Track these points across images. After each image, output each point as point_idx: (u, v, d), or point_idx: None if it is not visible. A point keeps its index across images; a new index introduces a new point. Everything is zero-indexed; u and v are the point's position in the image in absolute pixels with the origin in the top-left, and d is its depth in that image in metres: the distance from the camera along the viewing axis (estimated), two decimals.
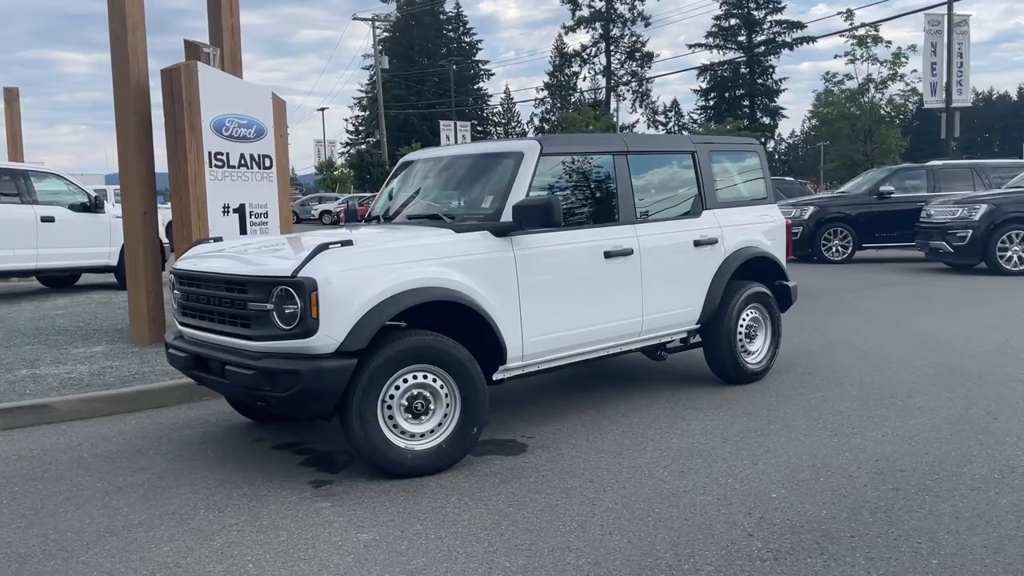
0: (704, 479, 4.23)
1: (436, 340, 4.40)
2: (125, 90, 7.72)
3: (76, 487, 4.39)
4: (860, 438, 4.82)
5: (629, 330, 5.47)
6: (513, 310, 4.79)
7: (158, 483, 4.42)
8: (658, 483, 4.19)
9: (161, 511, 4.01)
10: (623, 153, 5.53)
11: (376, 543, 3.56)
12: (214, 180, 7.67)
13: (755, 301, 6.25)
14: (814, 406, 5.54)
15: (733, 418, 5.33)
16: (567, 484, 4.22)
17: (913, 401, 5.59)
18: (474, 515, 3.85)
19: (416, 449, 4.37)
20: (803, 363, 6.91)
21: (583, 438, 4.99)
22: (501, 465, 4.55)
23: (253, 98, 8.11)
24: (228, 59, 8.52)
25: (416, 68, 66.98)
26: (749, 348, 6.25)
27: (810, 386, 6.11)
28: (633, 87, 66.48)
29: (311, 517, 3.88)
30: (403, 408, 4.36)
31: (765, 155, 6.65)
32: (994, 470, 4.23)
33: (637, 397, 5.93)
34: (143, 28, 7.77)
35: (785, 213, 16.30)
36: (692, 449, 4.72)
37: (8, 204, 11.25)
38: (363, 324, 4.15)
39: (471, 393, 4.48)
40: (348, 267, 4.19)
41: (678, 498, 3.98)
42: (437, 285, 4.42)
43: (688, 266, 5.81)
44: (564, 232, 5.11)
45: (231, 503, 4.09)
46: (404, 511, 3.92)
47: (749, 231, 6.28)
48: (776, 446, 4.73)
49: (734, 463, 4.46)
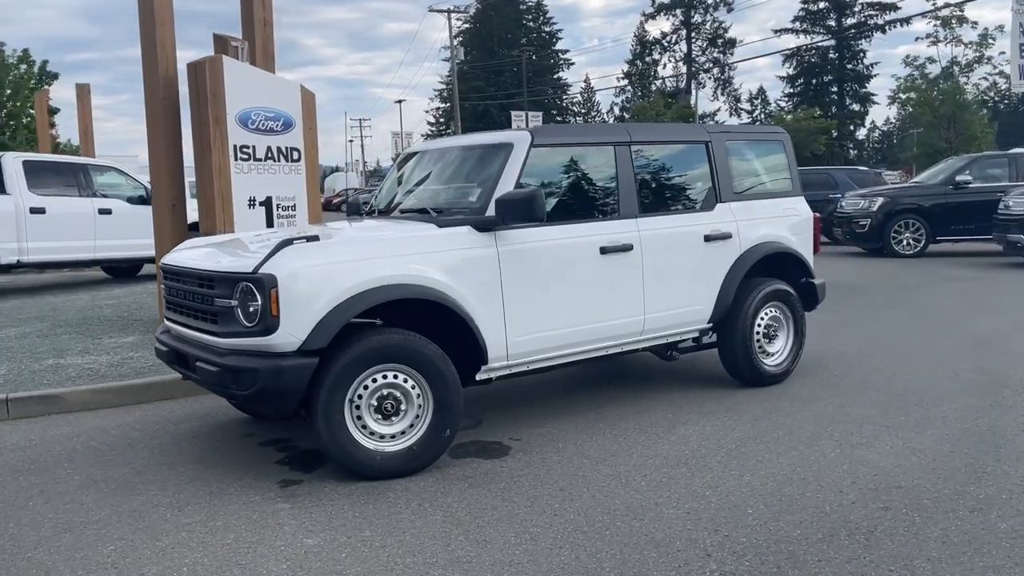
0: (681, 490, 3.98)
1: (406, 339, 4.27)
2: (154, 83, 7.81)
3: (55, 480, 4.43)
4: (866, 449, 4.49)
5: (629, 329, 5.23)
6: (496, 308, 4.61)
7: (133, 478, 4.42)
8: (631, 493, 3.97)
9: (124, 507, 4.00)
10: (626, 144, 5.28)
11: (318, 549, 3.46)
12: (239, 173, 7.70)
13: (775, 299, 5.92)
14: (828, 413, 5.20)
15: (736, 424, 5.04)
16: (536, 492, 4.03)
17: (938, 410, 5.19)
18: (428, 522, 3.70)
19: (386, 451, 4.25)
20: (833, 365, 6.52)
21: (571, 442, 4.79)
22: (476, 469, 4.39)
23: (281, 91, 8.11)
24: (260, 52, 8.55)
25: (495, 59, 66.96)
26: (768, 349, 5.92)
27: (831, 390, 5.75)
28: (714, 74, 64.98)
29: (265, 519, 3.80)
30: (372, 408, 4.25)
31: (791, 145, 6.28)
32: (1003, 490, 3.86)
33: (645, 398, 5.68)
34: (171, 22, 7.84)
35: (852, 204, 15.87)
36: (681, 456, 4.47)
37: (68, 197, 11.62)
38: (326, 322, 4.05)
39: (444, 394, 4.33)
40: (311, 264, 4.08)
41: (645, 511, 3.75)
42: (407, 282, 4.28)
43: (697, 262, 5.52)
44: (555, 227, 4.91)
45: (194, 501, 4.05)
46: (359, 516, 3.80)
47: (770, 225, 5.94)
48: (772, 456, 4.44)
49: (720, 473, 4.20)
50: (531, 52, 69.40)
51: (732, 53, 64.28)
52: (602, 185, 5.24)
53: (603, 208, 5.21)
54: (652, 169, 5.50)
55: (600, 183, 5.24)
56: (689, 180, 5.69)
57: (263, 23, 8.62)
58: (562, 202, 5.05)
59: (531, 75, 70.00)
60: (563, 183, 5.10)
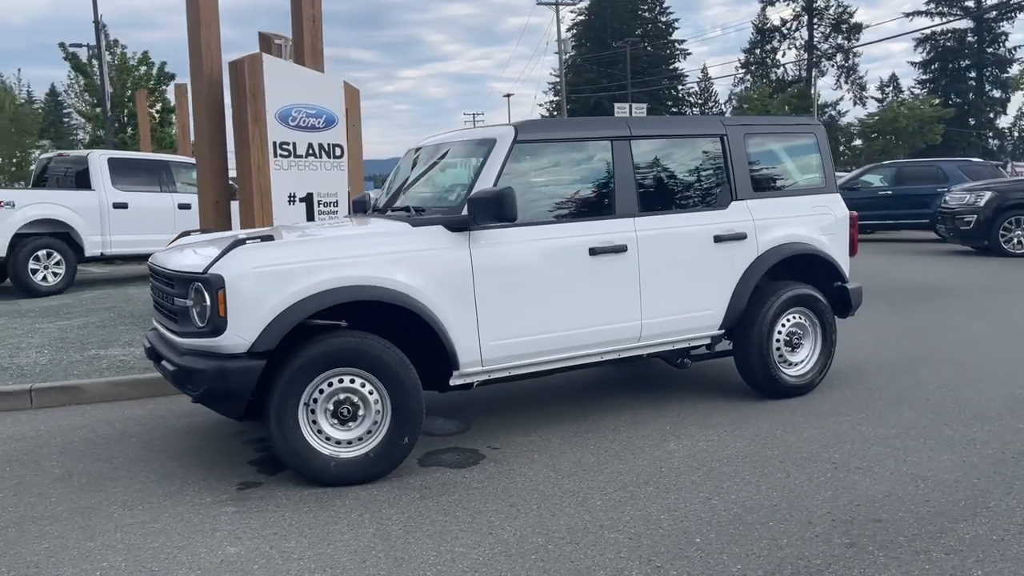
0: (635, 512, 3.70)
1: (362, 343, 4.14)
2: (199, 83, 7.99)
3: (36, 472, 4.54)
4: (862, 474, 4.07)
5: (624, 335, 4.94)
6: (467, 312, 4.43)
7: (108, 473, 4.48)
8: (581, 513, 3.72)
9: (81, 504, 4.04)
10: (625, 138, 4.98)
11: (235, 558, 3.38)
12: (279, 170, 7.77)
13: (798, 305, 5.48)
14: (840, 431, 4.76)
15: (734, 439, 4.68)
16: (483, 507, 3.84)
17: (969, 431, 4.68)
18: (358, 535, 3.57)
19: (341, 457, 4.15)
20: (875, 376, 6.01)
21: (550, 453, 4.56)
22: (437, 478, 4.23)
23: (323, 87, 8.15)
24: (309, 49, 8.61)
25: (608, 51, 66.18)
26: (790, 358, 5.49)
27: (857, 405, 5.28)
28: (837, 62, 62.03)
29: (203, 523, 3.76)
30: (328, 413, 4.15)
31: (826, 137, 5.80)
32: (996, 529, 3.40)
33: (650, 407, 5.37)
34: (216, 23, 7.99)
35: (957, 199, 14.74)
36: (655, 474, 4.18)
37: (149, 192, 12.10)
38: (275, 325, 3.97)
39: (402, 401, 4.19)
40: (260, 265, 4.01)
41: (586, 534, 3.50)
42: (362, 284, 4.15)
43: (705, 264, 5.16)
44: (538, 227, 4.68)
45: (148, 501, 4.05)
46: (294, 524, 3.71)
47: (795, 225, 5.50)
48: (753, 477, 4.08)
49: (686, 495, 3.89)
50: (645, 43, 68.31)
51: (857, 39, 61.27)
52: (595, 182, 4.96)
53: (596, 207, 4.93)
54: (656, 165, 5.17)
55: (593, 180, 4.96)
56: (699, 176, 5.33)
57: (312, 20, 8.68)
58: (549, 201, 4.81)
59: (645, 66, 68.92)
60: (550, 180, 4.86)
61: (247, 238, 4.12)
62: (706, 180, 5.33)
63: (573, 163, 4.93)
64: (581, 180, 4.96)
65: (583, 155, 4.94)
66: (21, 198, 11.06)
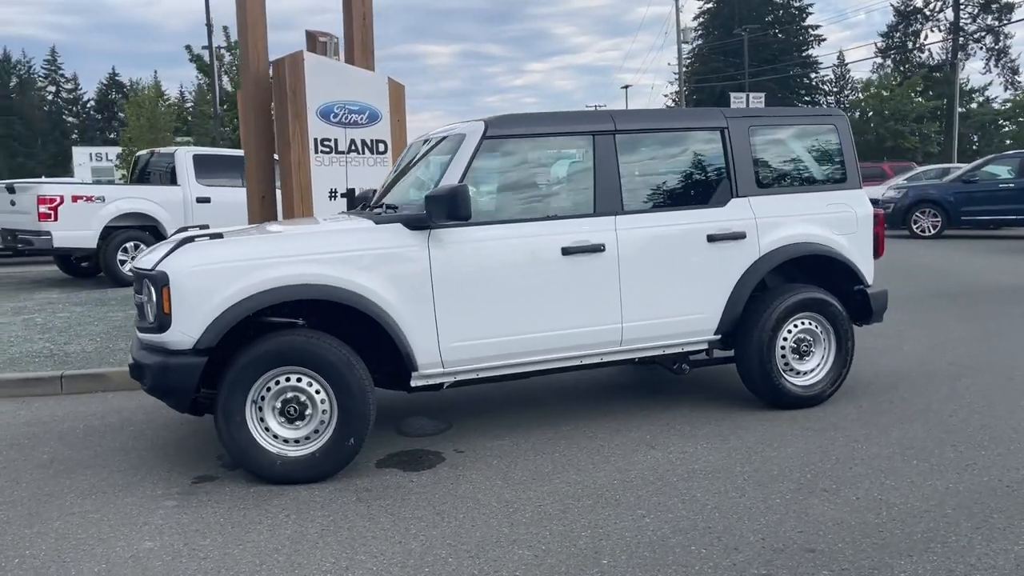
0: (558, 528, 3.52)
1: (308, 342, 4.12)
2: (247, 80, 8.21)
3: (26, 457, 4.75)
4: (825, 498, 3.73)
5: (602, 339, 4.72)
6: (425, 312, 4.34)
7: (87, 461, 4.65)
8: (504, 526, 3.57)
9: (45, 490, 4.19)
10: (608, 133, 4.75)
11: (145, 554, 3.42)
12: (320, 166, 7.90)
13: (808, 310, 5.10)
14: (831, 448, 4.40)
15: (710, 452, 4.40)
16: (412, 514, 3.74)
17: (975, 454, 4.23)
18: (273, 537, 3.55)
19: (288, 456, 4.15)
20: (904, 387, 5.53)
21: (511, 459, 4.42)
22: (385, 481, 4.17)
23: (366, 84, 8.23)
24: (359, 46, 8.72)
25: (735, 39, 64.18)
26: (798, 367, 5.12)
27: (866, 419, 4.86)
28: (987, 44, 57.85)
29: (139, 516, 3.83)
30: (276, 411, 4.16)
31: (848, 127, 5.35)
32: (940, 568, 3.04)
33: (642, 415, 5.12)
34: (263, 24, 8.18)
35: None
36: (605, 487, 3.97)
37: (231, 187, 12.57)
38: (218, 322, 4.00)
39: (348, 401, 4.14)
40: (205, 263, 4.05)
41: (492, 550, 3.36)
42: (307, 282, 4.12)
43: (697, 265, 4.87)
44: (506, 226, 4.54)
45: (104, 490, 4.16)
46: (221, 521, 3.73)
47: (806, 223, 5.12)
48: (704, 495, 3.82)
49: (623, 511, 3.67)
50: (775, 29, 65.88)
51: (1009, 19, 56.96)
52: (572, 179, 4.77)
53: (573, 205, 4.73)
54: (644, 160, 4.91)
55: (570, 177, 4.77)
56: (694, 172, 5.03)
57: (362, 17, 8.77)
58: (520, 198, 4.66)
59: (776, 53, 66.52)
60: (524, 177, 4.69)
61: (196, 236, 4.17)
62: (703, 176, 5.03)
63: (549, 159, 4.76)
64: (557, 177, 4.78)
65: (560, 151, 4.76)
66: (111, 193, 11.73)
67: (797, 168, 5.27)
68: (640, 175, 4.88)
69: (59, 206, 10.99)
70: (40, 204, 10.91)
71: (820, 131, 5.35)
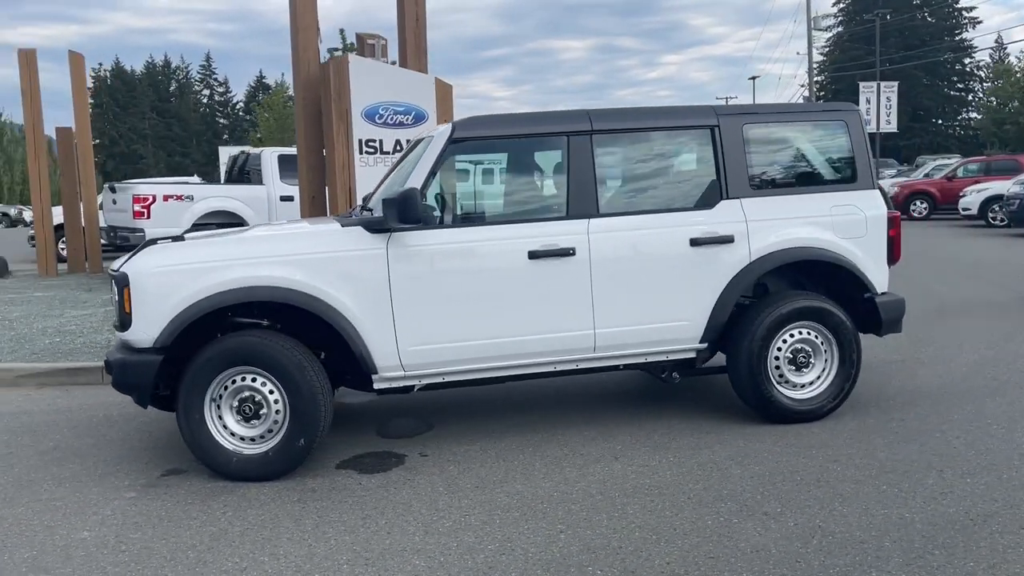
0: (463, 541, 3.46)
1: (261, 343, 4.21)
2: (298, 83, 8.46)
3: (32, 443, 5.06)
4: (759, 522, 3.50)
5: (574, 344, 4.59)
6: (382, 315, 4.35)
7: (84, 450, 4.90)
8: (418, 535, 3.54)
9: (27, 477, 4.44)
10: (585, 133, 4.60)
11: (75, 544, 3.58)
12: (365, 166, 8.05)
13: (805, 318, 4.78)
14: (802, 470, 4.11)
15: (671, 467, 4.21)
16: (338, 518, 3.76)
17: (959, 483, 3.86)
18: (199, 534, 3.65)
19: (243, 453, 4.26)
20: (922, 403, 5.12)
21: (467, 465, 4.37)
22: (335, 483, 4.20)
23: (413, 85, 8.32)
24: (412, 48, 8.84)
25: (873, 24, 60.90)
26: (795, 379, 4.81)
27: (859, 438, 4.52)
28: None
29: (97, 506, 4.01)
30: (233, 410, 4.27)
31: (860, 123, 4.97)
32: None
33: (626, 423, 4.95)
34: (314, 29, 8.39)
35: None
36: (538, 500, 3.86)
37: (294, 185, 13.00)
38: (174, 322, 4.14)
39: (299, 403, 4.20)
40: (163, 265, 4.20)
41: (394, 556, 3.33)
42: (261, 284, 4.20)
43: (678, 270, 4.65)
44: (470, 229, 4.49)
45: (80, 480, 4.39)
46: (162, 515, 3.86)
47: (805, 226, 4.80)
48: (636, 513, 3.65)
49: (542, 526, 3.56)
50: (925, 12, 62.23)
51: None
52: (544, 181, 4.66)
53: (543, 208, 4.63)
54: (622, 161, 4.74)
55: (541, 179, 4.66)
56: (679, 172, 4.82)
57: (415, 19, 8.88)
58: (487, 201, 4.60)
59: (926, 38, 62.83)
60: (491, 180, 4.62)
61: (159, 239, 4.33)
62: (689, 176, 4.81)
63: (520, 162, 4.66)
64: (527, 179, 4.68)
65: (531, 153, 4.66)
66: (199, 192, 12.35)
67: (798, 168, 4.96)
68: (619, 177, 4.72)
69: (152, 204, 11.68)
70: (135, 203, 11.62)
71: (827, 128, 5.01)
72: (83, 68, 13.28)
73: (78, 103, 13.65)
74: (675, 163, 4.81)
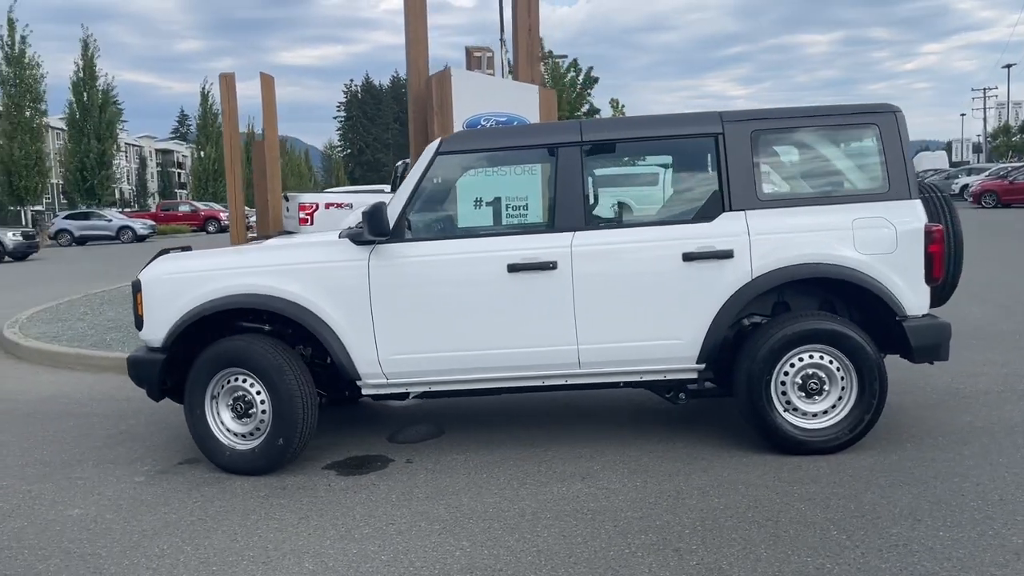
0: (362, 550, 3.54)
1: (248, 347, 4.50)
2: (411, 97, 8.84)
3: (65, 427, 5.71)
4: (665, 557, 3.28)
5: (557, 360, 4.50)
6: (363, 323, 4.51)
7: (111, 435, 5.45)
8: (323, 540, 3.67)
9: (44, 459, 5.03)
10: (574, 145, 4.49)
11: (59, 520, 4.05)
12: (466, 176, 8.29)
13: (817, 341, 4.37)
14: (765, 507, 3.78)
15: (622, 492, 4.03)
16: (283, 519, 3.96)
17: (925, 536, 3.39)
18: (158, 521, 3.98)
19: (236, 448, 4.58)
20: (969, 443, 4.49)
21: (438, 475, 4.42)
22: (313, 483, 4.41)
23: (516, 95, 8.46)
24: (524, 56, 8.99)
25: None
26: (804, 407, 4.42)
27: (856, 477, 4.07)
28: None
29: (96, 488, 4.47)
30: (229, 407, 4.61)
31: (896, 127, 4.44)
32: None
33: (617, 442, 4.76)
34: (424, 43, 8.72)
35: None
36: (468, 517, 3.84)
37: None
38: (176, 325, 4.55)
39: (278, 404, 4.46)
40: (170, 273, 4.62)
41: (282, 558, 3.49)
42: (250, 292, 4.50)
43: (669, 286, 4.41)
44: (450, 241, 4.55)
45: (99, 463, 4.90)
46: (147, 500, 4.26)
47: (820, 241, 4.38)
48: (547, 537, 3.55)
49: (450, 544, 3.56)
50: None
51: None
52: (530, 194, 4.60)
53: (531, 220, 4.58)
54: (616, 173, 4.58)
55: (528, 192, 4.62)
56: (676, 183, 4.56)
57: (527, 29, 9.01)
58: (472, 214, 4.62)
59: None
60: (477, 193, 4.64)
61: (171, 249, 4.76)
62: (687, 188, 4.55)
63: (507, 175, 4.65)
64: (514, 192, 4.65)
65: (519, 166, 4.62)
66: (358, 200, 13.15)
67: (815, 177, 4.54)
68: (610, 188, 4.57)
69: (315, 212, 12.61)
70: (300, 210, 12.61)
71: (854, 134, 4.54)
72: (273, 88, 14.55)
73: (268, 118, 14.98)
74: (670, 173, 4.58)
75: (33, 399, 6.75)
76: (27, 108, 37.97)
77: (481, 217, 4.65)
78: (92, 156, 42.87)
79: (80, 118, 42.86)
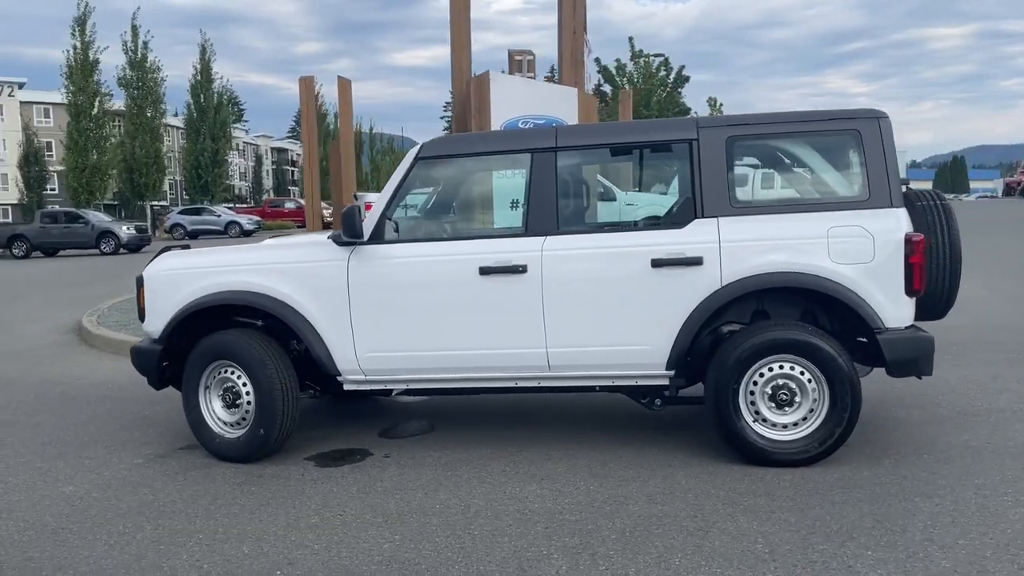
0: (297, 540, 3.69)
1: (233, 341, 4.74)
2: (456, 101, 9.02)
3: (80, 411, 6.11)
4: (550, 559, 3.31)
5: (526, 362, 4.56)
6: (342, 321, 4.69)
7: (123, 422, 5.79)
8: (268, 528, 3.85)
9: (47, 439, 5.41)
10: (548, 151, 4.54)
11: (51, 496, 4.37)
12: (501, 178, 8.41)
13: (786, 351, 4.29)
14: (703, 516, 3.75)
15: (567, 496, 4.05)
16: (241, 505, 4.15)
17: (865, 558, 3.30)
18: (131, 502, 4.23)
19: (224, 436, 4.84)
20: (954, 463, 4.31)
21: (404, 472, 4.55)
22: (286, 472, 4.61)
23: (553, 97, 8.53)
24: (568, 59, 9.04)
25: None
26: (774, 418, 4.34)
27: (815, 492, 3.97)
28: None
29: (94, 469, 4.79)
30: (220, 397, 4.87)
31: (878, 133, 4.29)
32: None
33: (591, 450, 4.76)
34: (468, 49, 8.90)
35: None
36: (408, 512, 3.95)
37: None
38: (173, 318, 4.83)
39: (259, 395, 4.68)
40: (169, 269, 4.91)
41: (216, 544, 3.68)
42: (237, 289, 4.74)
43: (637, 292, 4.41)
44: (425, 244, 4.69)
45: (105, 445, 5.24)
46: (134, 481, 4.55)
47: (793, 249, 4.29)
48: (458, 536, 3.63)
49: (378, 538, 3.68)
50: None
51: None
52: (503, 199, 4.67)
53: (505, 224, 4.65)
54: (588, 179, 4.60)
55: (501, 197, 4.68)
56: (652, 189, 4.54)
57: (571, 31, 9.07)
58: (447, 217, 4.72)
59: None
60: (454, 197, 4.74)
61: (173, 246, 5.05)
62: (658, 193, 4.52)
63: (482, 180, 4.73)
64: (487, 197, 4.72)
65: (495, 171, 4.70)
66: None
67: (791, 184, 4.44)
68: (580, 194, 4.59)
69: None
70: (366, 209, 13.00)
71: (833, 141, 4.42)
72: (349, 91, 14.99)
73: (343, 119, 15.43)
74: (647, 180, 4.56)
75: (86, 384, 7.24)
76: (148, 109, 40.24)
77: (459, 220, 4.76)
78: (207, 155, 45.11)
79: (196, 118, 45.11)
